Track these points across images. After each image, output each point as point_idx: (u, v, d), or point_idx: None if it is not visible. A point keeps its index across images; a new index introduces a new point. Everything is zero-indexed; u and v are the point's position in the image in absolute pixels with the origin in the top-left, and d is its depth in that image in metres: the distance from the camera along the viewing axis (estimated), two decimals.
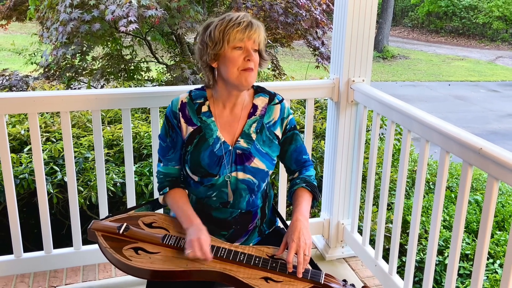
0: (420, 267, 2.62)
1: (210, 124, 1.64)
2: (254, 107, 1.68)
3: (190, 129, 1.64)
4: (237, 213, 1.65)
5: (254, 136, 1.65)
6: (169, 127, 1.66)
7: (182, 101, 1.66)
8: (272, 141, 1.67)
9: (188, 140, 1.63)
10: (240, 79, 1.56)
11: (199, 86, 1.75)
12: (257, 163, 1.62)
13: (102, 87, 5.18)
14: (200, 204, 1.66)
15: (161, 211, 1.78)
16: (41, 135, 2.77)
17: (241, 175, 1.61)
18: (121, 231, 1.51)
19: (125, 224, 1.54)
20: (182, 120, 1.64)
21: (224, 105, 1.66)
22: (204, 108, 1.65)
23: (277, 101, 1.71)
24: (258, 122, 1.67)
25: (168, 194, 1.67)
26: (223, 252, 1.48)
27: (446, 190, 2.82)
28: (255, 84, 1.74)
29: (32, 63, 6.21)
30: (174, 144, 1.66)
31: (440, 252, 2.70)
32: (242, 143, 1.63)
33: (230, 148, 1.63)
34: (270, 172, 1.68)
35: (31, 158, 2.45)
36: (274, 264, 1.46)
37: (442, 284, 2.57)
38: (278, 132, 1.69)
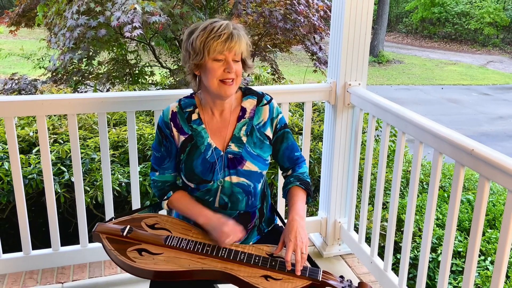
0: (414, 264, 2.65)
1: (201, 131, 1.63)
2: (243, 110, 1.67)
3: (182, 137, 1.63)
4: (235, 214, 1.66)
5: (244, 139, 1.65)
6: (162, 137, 1.66)
7: (172, 110, 1.65)
8: (263, 142, 1.67)
9: (181, 148, 1.64)
10: (220, 90, 1.55)
11: (188, 93, 1.74)
12: (249, 165, 1.63)
13: (107, 90, 5.19)
14: None
15: (163, 212, 1.82)
16: (49, 136, 2.78)
17: (235, 178, 1.62)
18: (124, 233, 1.53)
19: (128, 226, 1.56)
20: (174, 130, 1.64)
21: (212, 111, 1.65)
22: (194, 116, 1.65)
23: (265, 101, 1.70)
24: (247, 124, 1.66)
25: (173, 198, 1.68)
26: (223, 252, 1.50)
27: (439, 189, 2.87)
28: (243, 86, 1.74)
29: (40, 68, 6.20)
30: (169, 153, 1.66)
31: (433, 250, 2.74)
32: (233, 147, 1.63)
33: (222, 153, 1.63)
34: (264, 172, 1.68)
35: (40, 159, 2.47)
36: (273, 263, 1.49)
37: (435, 280, 2.60)
38: (269, 132, 1.69)
